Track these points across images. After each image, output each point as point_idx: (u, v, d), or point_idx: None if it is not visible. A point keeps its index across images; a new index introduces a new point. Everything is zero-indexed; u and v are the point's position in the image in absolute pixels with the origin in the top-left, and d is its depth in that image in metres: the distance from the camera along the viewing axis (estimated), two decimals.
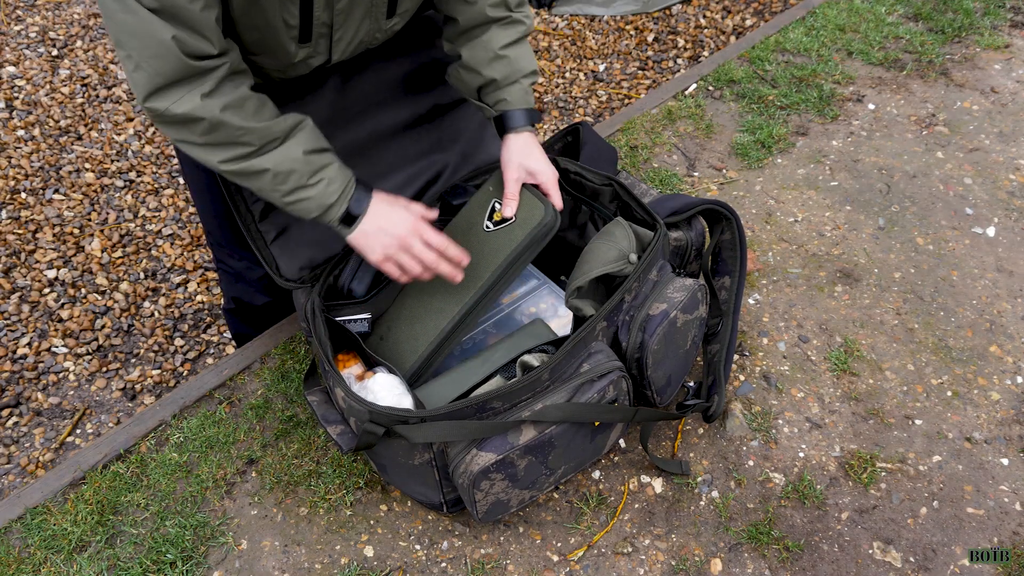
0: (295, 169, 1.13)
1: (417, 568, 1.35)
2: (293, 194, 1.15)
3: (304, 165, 1.13)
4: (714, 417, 1.50)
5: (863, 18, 2.71)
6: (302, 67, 1.21)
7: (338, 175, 1.17)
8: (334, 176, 1.17)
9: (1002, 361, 1.65)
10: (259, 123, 1.09)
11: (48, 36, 3.25)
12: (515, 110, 1.32)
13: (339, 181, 1.17)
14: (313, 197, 1.16)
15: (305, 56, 1.18)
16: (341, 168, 1.18)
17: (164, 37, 0.96)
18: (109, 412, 2.04)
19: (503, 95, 1.32)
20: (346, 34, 1.18)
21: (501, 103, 1.32)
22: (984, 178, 2.08)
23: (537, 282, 1.66)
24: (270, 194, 1.15)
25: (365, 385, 1.29)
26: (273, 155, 1.11)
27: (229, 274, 1.66)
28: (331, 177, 1.16)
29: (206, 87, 1.03)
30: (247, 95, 1.08)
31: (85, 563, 1.35)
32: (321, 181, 1.15)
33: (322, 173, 1.15)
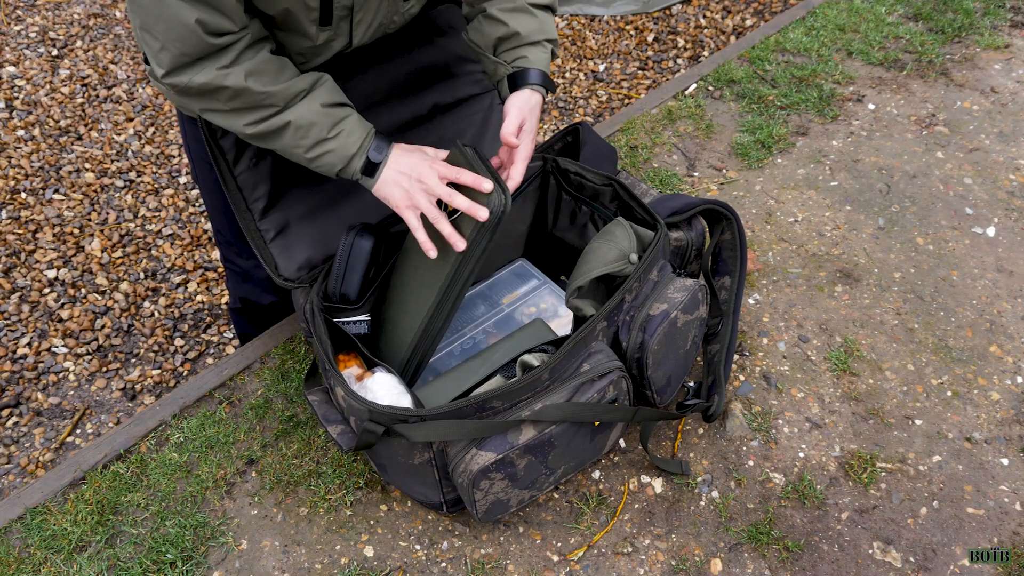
0: (315, 122, 1.15)
1: (417, 568, 1.35)
2: (316, 148, 1.17)
3: (324, 118, 1.15)
4: (714, 417, 1.50)
5: (863, 18, 2.71)
6: (324, 50, 1.21)
7: (357, 126, 1.19)
8: (353, 127, 1.19)
9: (1002, 361, 1.65)
10: (279, 85, 1.12)
11: (48, 36, 3.25)
12: (534, 69, 1.29)
13: (358, 132, 1.19)
14: (335, 149, 1.18)
15: (326, 39, 1.20)
16: (360, 120, 1.20)
17: (188, 20, 1.00)
18: (109, 412, 2.04)
19: (524, 52, 1.29)
20: (366, 16, 1.20)
21: (521, 60, 1.29)
22: (984, 178, 2.08)
23: (537, 282, 1.66)
24: (293, 151, 1.18)
25: (364, 385, 1.29)
26: (294, 110, 1.14)
27: (236, 273, 1.67)
28: (350, 128, 1.18)
29: (227, 59, 1.07)
30: (267, 59, 1.11)
31: (85, 563, 1.35)
32: (341, 132, 1.17)
33: (342, 124, 1.17)
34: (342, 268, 1.41)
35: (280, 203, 1.41)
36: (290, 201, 1.42)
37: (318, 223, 1.45)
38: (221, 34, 1.04)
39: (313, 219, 1.44)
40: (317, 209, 1.44)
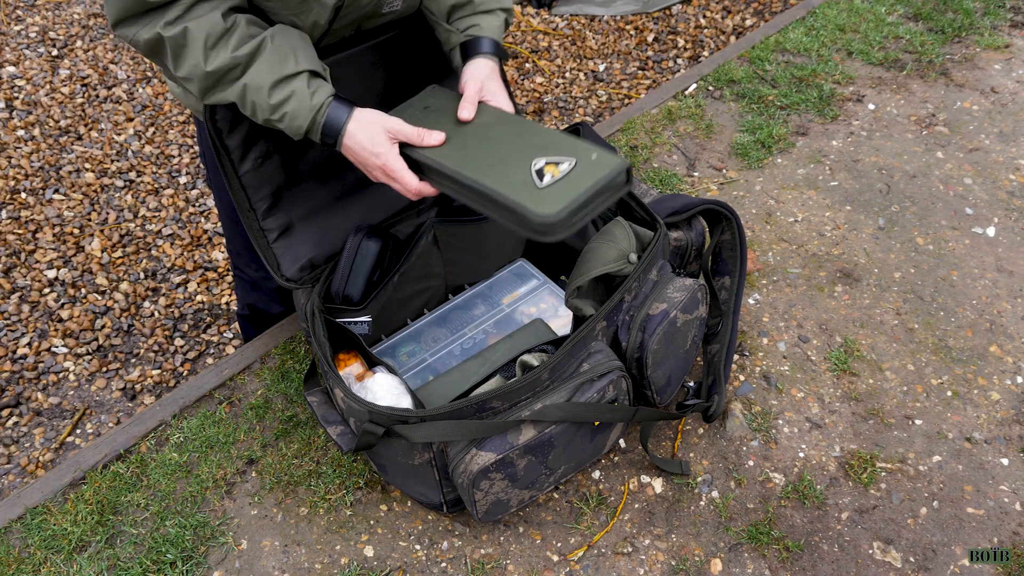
0: (257, 103, 1.12)
1: (417, 568, 1.35)
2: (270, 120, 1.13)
3: (265, 103, 1.11)
4: (714, 417, 1.50)
5: (863, 18, 2.71)
6: (316, 8, 1.16)
7: (299, 108, 1.12)
8: (296, 110, 1.12)
9: (1002, 361, 1.65)
10: (221, 56, 1.08)
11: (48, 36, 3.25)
12: (486, 37, 1.26)
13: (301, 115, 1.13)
14: (287, 127, 1.14)
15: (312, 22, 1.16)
16: (301, 100, 1.12)
17: None
18: (109, 412, 2.04)
19: (476, 20, 1.26)
20: None
21: (473, 28, 1.26)
22: (984, 178, 2.08)
23: (537, 282, 1.66)
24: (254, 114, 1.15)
25: (364, 385, 1.29)
26: (233, 88, 1.11)
27: (246, 282, 1.67)
28: (293, 112, 1.12)
29: (170, 15, 1.05)
30: (215, 22, 1.07)
31: (85, 563, 1.35)
32: (285, 116, 1.13)
33: (283, 108, 1.12)
34: (347, 269, 1.41)
35: (283, 203, 1.41)
36: (294, 201, 1.41)
37: (321, 223, 1.45)
38: None
39: (316, 219, 1.44)
40: (320, 209, 1.44)
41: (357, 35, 1.33)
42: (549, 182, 1.10)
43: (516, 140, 1.18)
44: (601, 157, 1.12)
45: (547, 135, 1.18)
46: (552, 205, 1.06)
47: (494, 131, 1.21)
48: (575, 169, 1.11)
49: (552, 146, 1.15)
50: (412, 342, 1.57)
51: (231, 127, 1.29)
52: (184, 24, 1.05)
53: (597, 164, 1.11)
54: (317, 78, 1.14)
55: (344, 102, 1.16)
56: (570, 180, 1.10)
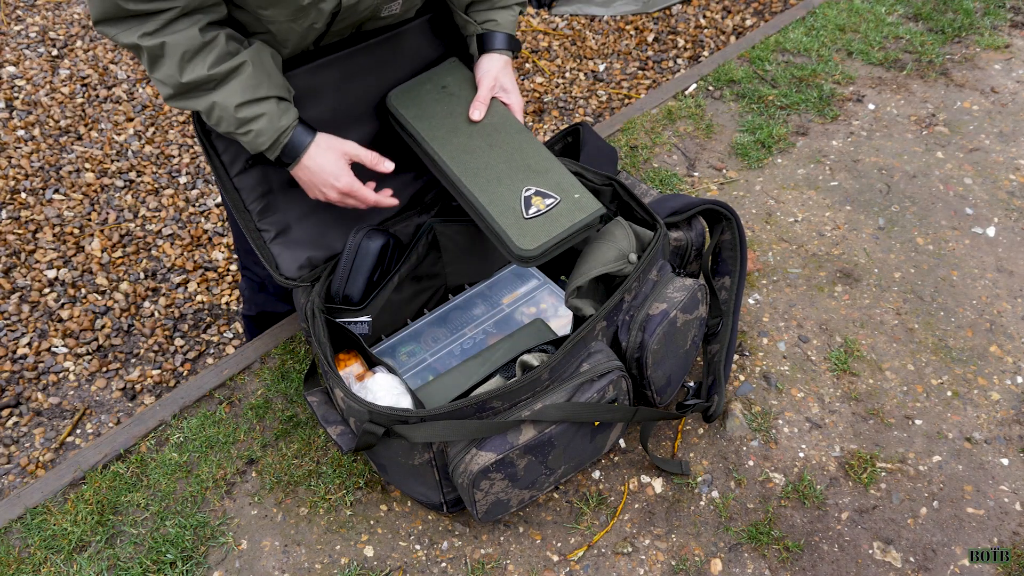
0: (223, 117, 1.16)
1: (417, 568, 1.35)
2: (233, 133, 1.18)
3: (232, 117, 1.15)
4: (714, 417, 1.50)
5: (863, 18, 2.71)
6: (314, 13, 1.17)
7: (266, 127, 1.18)
8: (263, 129, 1.17)
9: (1002, 361, 1.65)
10: (197, 71, 1.10)
11: (48, 36, 3.25)
12: (501, 32, 1.35)
13: (266, 134, 1.18)
14: (248, 142, 1.19)
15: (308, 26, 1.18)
16: (271, 120, 1.18)
17: None
18: (109, 412, 2.04)
19: (494, 16, 1.34)
20: None
21: (489, 23, 1.34)
22: (984, 178, 2.08)
23: (537, 282, 1.66)
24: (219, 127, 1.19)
25: (365, 385, 1.29)
26: (203, 100, 1.14)
27: (254, 282, 1.67)
28: (259, 130, 1.17)
29: (149, 27, 1.07)
30: (193, 37, 1.09)
31: (85, 563, 1.35)
32: (250, 133, 1.17)
33: (250, 125, 1.17)
34: (347, 269, 1.41)
35: (280, 204, 1.41)
36: (289, 202, 1.41)
37: (319, 223, 1.45)
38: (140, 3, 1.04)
39: (313, 219, 1.44)
40: (317, 209, 1.44)
41: (356, 35, 1.33)
42: (534, 214, 1.28)
43: (515, 158, 1.33)
44: (582, 199, 1.30)
45: (543, 159, 1.34)
46: (532, 240, 1.25)
47: (498, 139, 1.34)
48: (558, 206, 1.29)
49: (545, 174, 1.32)
50: (412, 342, 1.57)
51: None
52: (162, 39, 1.08)
53: (577, 206, 1.29)
54: (284, 101, 1.20)
55: (307, 127, 1.23)
56: (551, 217, 1.28)
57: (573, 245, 1.32)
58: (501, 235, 1.27)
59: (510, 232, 1.26)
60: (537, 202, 1.29)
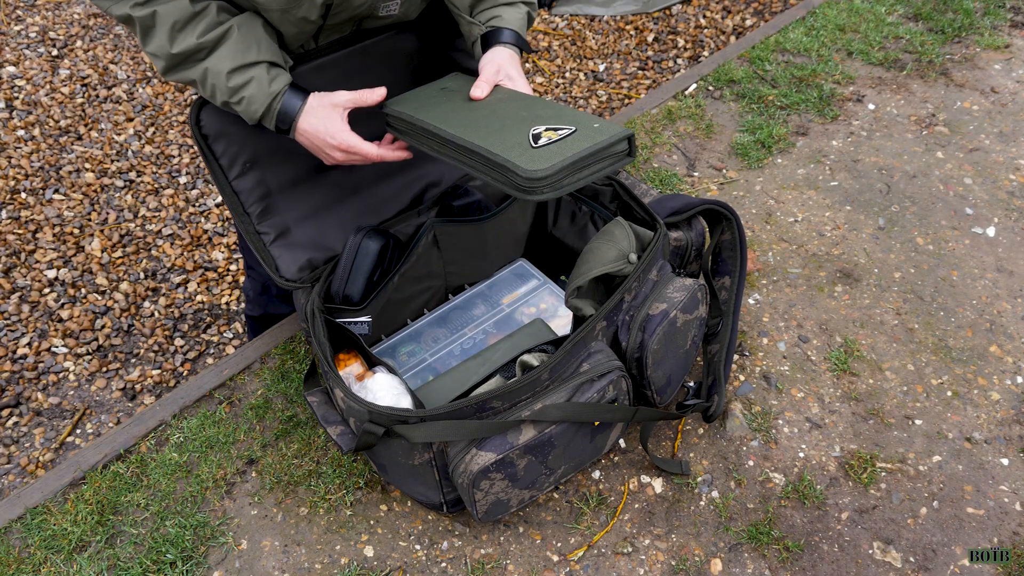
0: (216, 86, 1.16)
1: (417, 568, 1.35)
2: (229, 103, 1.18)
3: (224, 85, 1.15)
4: (714, 417, 1.50)
5: (863, 18, 2.71)
6: (306, 3, 1.17)
7: (257, 93, 1.16)
8: (254, 95, 1.16)
9: (1002, 361, 1.65)
10: (187, 40, 1.11)
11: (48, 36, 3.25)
12: (507, 28, 1.27)
13: (258, 100, 1.17)
14: (243, 111, 1.18)
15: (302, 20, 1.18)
16: (259, 85, 1.16)
17: None
18: (109, 412, 2.04)
19: (498, 12, 1.28)
20: None
21: (495, 19, 1.28)
22: (984, 178, 2.08)
23: (537, 282, 1.66)
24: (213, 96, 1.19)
25: (364, 385, 1.29)
26: (195, 69, 1.15)
27: (258, 282, 1.67)
28: (250, 96, 1.16)
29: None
30: (183, 7, 1.10)
31: (85, 563, 1.35)
32: (242, 101, 1.17)
33: (242, 92, 1.16)
34: (347, 269, 1.41)
35: (278, 206, 1.41)
36: (288, 204, 1.41)
37: (318, 224, 1.45)
38: None
39: (313, 221, 1.44)
40: (316, 211, 1.44)
41: (357, 34, 1.33)
42: (545, 143, 1.10)
43: (521, 112, 1.18)
44: (603, 126, 1.12)
45: (555, 109, 1.18)
46: (542, 163, 1.06)
47: (503, 105, 1.22)
48: (574, 135, 1.11)
49: (556, 117, 1.15)
50: (412, 342, 1.57)
51: (216, 133, 1.29)
52: (153, 8, 1.09)
53: (597, 131, 1.12)
54: (276, 67, 1.18)
55: (300, 90, 1.19)
56: (566, 143, 1.10)
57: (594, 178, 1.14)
58: (506, 164, 1.08)
59: (516, 160, 1.07)
60: (548, 134, 1.12)
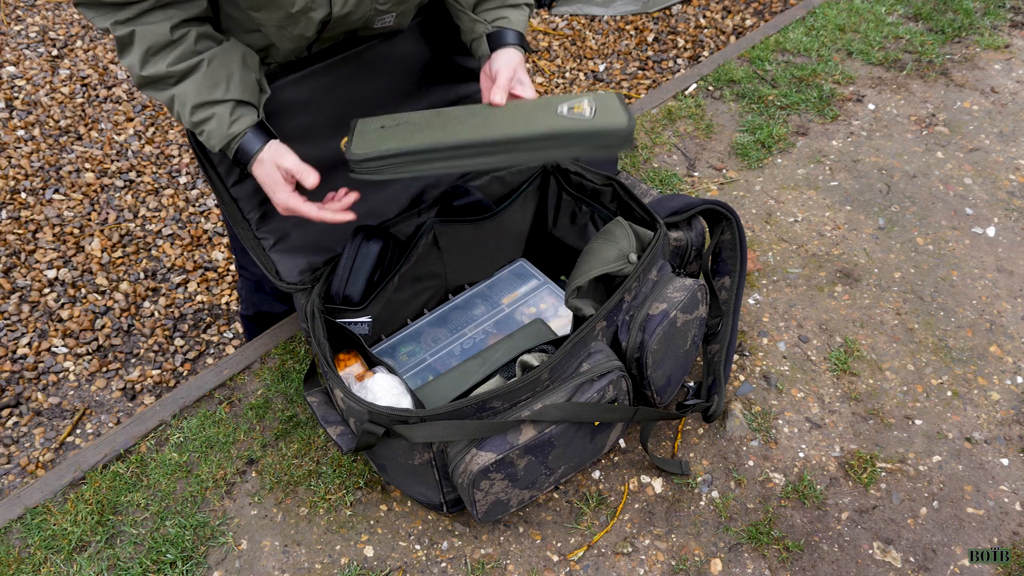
0: (181, 115, 1.17)
1: (417, 568, 1.35)
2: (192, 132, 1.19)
3: (188, 117, 1.16)
4: (714, 417, 1.50)
5: (863, 18, 2.71)
6: (303, 20, 1.17)
7: (216, 131, 1.17)
8: (212, 131, 1.18)
9: (1002, 361, 1.65)
10: (156, 67, 1.12)
11: (48, 36, 3.25)
12: (513, 29, 1.30)
13: (216, 138, 1.18)
14: (205, 142, 1.19)
15: (304, 6, 1.16)
16: (219, 124, 1.17)
17: None
18: (109, 412, 2.04)
19: (505, 13, 1.30)
20: None
21: (501, 20, 1.30)
22: (984, 178, 2.08)
23: (537, 282, 1.66)
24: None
25: (364, 385, 1.29)
26: (163, 93, 1.16)
27: (251, 281, 1.67)
28: (209, 131, 1.17)
29: (122, 16, 1.09)
30: (162, 32, 1.10)
31: (85, 563, 1.35)
32: (203, 133, 1.18)
33: (203, 126, 1.17)
34: (347, 269, 1.41)
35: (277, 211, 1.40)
36: None
37: (317, 228, 1.44)
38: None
39: (312, 224, 1.43)
40: None
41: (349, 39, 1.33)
42: (591, 113, 1.15)
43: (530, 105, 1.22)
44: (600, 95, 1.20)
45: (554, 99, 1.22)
46: (622, 117, 1.13)
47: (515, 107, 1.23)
48: (597, 101, 1.18)
49: (564, 99, 1.20)
50: (412, 342, 1.57)
51: None
52: (132, 27, 1.10)
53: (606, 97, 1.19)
54: (243, 106, 1.18)
55: (263, 133, 1.20)
56: (605, 106, 1.17)
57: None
58: (595, 131, 1.12)
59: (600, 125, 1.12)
60: (579, 108, 1.16)
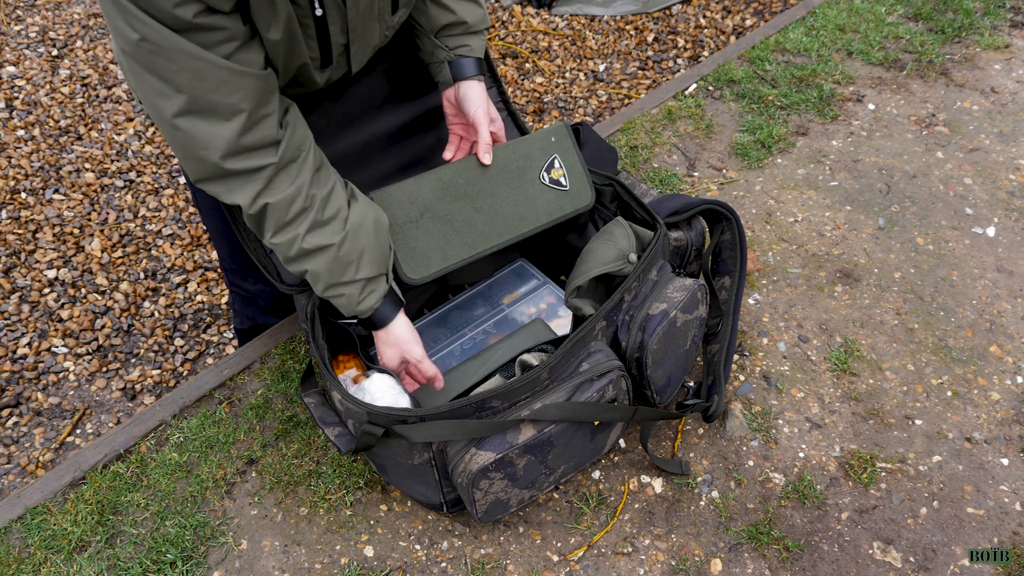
0: (314, 285, 1.21)
1: (417, 568, 1.35)
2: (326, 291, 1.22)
3: (321, 290, 1.21)
4: (714, 417, 1.50)
5: (863, 18, 2.71)
6: (323, 83, 1.23)
7: (345, 306, 1.22)
8: (343, 305, 1.22)
9: (1002, 361, 1.65)
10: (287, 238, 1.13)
11: (48, 36, 3.25)
12: (475, 58, 1.33)
13: (347, 311, 1.23)
14: (341, 305, 1.23)
15: (327, 78, 1.21)
16: (349, 301, 1.21)
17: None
18: (109, 412, 2.04)
19: (467, 41, 1.33)
20: (363, 46, 1.20)
21: (463, 48, 1.33)
22: (984, 178, 2.08)
23: (537, 282, 1.66)
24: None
25: (362, 386, 1.29)
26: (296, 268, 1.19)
27: (243, 298, 1.67)
28: (341, 305, 1.22)
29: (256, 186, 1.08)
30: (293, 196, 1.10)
31: (85, 563, 1.35)
32: (336, 303, 1.22)
33: (336, 300, 1.22)
34: None
35: None
36: None
37: None
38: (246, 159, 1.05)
39: None
40: None
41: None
42: (565, 182, 1.43)
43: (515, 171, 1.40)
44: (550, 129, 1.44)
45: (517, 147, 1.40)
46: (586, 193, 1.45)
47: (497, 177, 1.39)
48: (560, 155, 1.43)
49: (537, 161, 1.41)
50: None
51: None
52: (265, 200, 1.08)
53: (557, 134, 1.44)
54: (374, 280, 1.21)
55: (391, 303, 1.24)
56: (569, 165, 1.44)
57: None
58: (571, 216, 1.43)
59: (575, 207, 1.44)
60: (557, 174, 1.42)
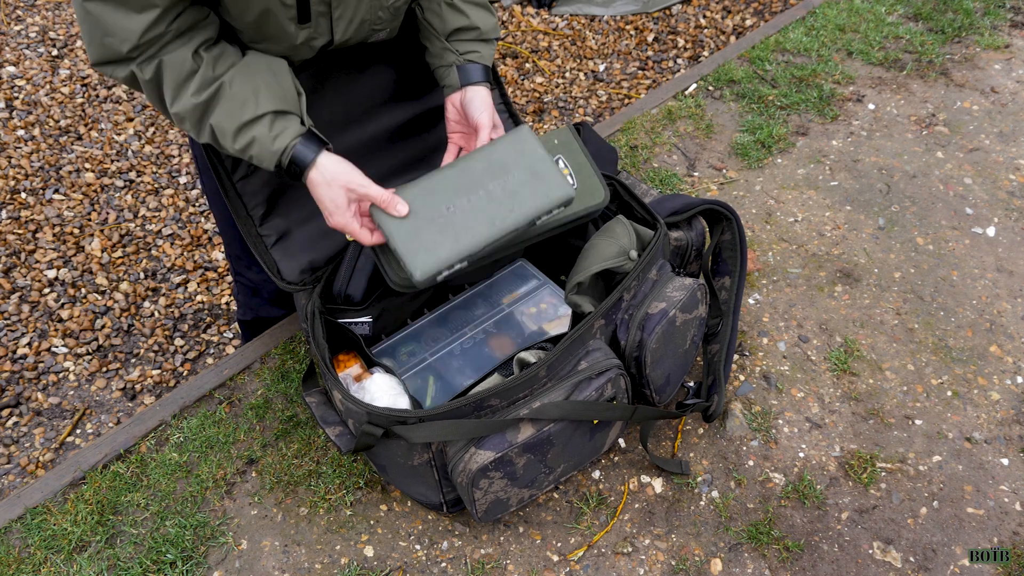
0: (224, 144, 1.12)
1: (417, 568, 1.35)
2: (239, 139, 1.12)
3: (231, 143, 1.11)
4: (714, 417, 1.50)
5: (863, 18, 2.71)
6: (306, 49, 1.18)
7: (262, 152, 1.12)
8: (259, 154, 1.12)
9: (1002, 361, 1.65)
10: (183, 100, 1.08)
11: (48, 36, 3.26)
12: (483, 65, 1.31)
13: (266, 160, 1.13)
14: (257, 164, 1.14)
15: (307, 38, 1.16)
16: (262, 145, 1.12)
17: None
18: (109, 412, 2.04)
19: (477, 47, 1.31)
20: (346, 11, 1.16)
21: (472, 54, 1.31)
22: (984, 178, 2.08)
23: (537, 282, 1.66)
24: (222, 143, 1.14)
25: (363, 386, 1.29)
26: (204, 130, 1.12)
27: (247, 287, 1.67)
28: (257, 155, 1.12)
29: (147, 53, 1.04)
30: (185, 59, 1.06)
31: (85, 563, 1.35)
32: (252, 157, 1.13)
33: (249, 151, 1.12)
34: (350, 269, 1.41)
35: (280, 208, 1.41)
36: (290, 206, 1.41)
37: (320, 227, 1.44)
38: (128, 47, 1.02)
39: (315, 223, 1.44)
40: (318, 213, 1.44)
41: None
42: (572, 180, 1.40)
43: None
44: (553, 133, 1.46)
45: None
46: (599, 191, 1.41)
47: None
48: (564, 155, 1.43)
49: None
50: (412, 342, 1.57)
51: None
52: (158, 59, 1.05)
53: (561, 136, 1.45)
54: (282, 117, 1.12)
55: (312, 142, 1.13)
56: (576, 165, 1.43)
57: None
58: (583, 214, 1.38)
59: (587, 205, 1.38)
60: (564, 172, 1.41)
